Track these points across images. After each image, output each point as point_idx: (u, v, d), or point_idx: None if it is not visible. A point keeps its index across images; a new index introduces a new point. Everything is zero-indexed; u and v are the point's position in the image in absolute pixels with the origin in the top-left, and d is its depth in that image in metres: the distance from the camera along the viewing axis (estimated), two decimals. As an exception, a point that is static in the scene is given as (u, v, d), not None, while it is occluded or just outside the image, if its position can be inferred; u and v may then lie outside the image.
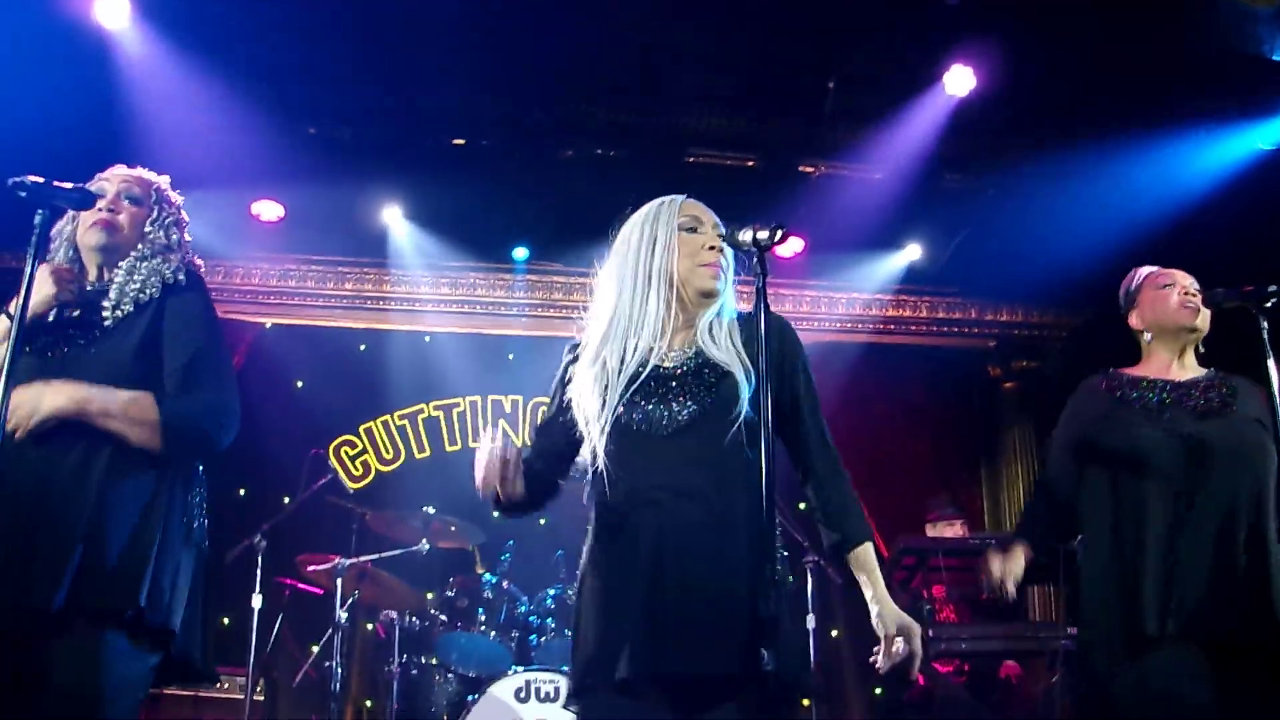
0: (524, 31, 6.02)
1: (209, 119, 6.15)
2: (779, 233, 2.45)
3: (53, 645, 2.70)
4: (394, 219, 7.67)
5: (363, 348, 8.26)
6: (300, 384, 8.03)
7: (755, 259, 2.45)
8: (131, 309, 2.97)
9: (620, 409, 2.61)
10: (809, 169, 7.21)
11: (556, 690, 5.30)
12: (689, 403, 2.59)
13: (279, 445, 7.18)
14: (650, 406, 2.60)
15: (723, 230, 2.72)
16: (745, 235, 2.49)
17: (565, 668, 5.58)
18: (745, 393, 2.57)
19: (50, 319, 2.96)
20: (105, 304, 2.97)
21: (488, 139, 6.95)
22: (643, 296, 2.70)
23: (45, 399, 2.78)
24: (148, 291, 3.00)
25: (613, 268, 2.78)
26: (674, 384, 2.62)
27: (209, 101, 6.07)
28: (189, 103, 6.04)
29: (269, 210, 7.53)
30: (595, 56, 6.28)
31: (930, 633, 5.89)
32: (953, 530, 6.81)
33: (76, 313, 2.99)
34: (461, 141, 6.97)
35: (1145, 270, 3.75)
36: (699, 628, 2.42)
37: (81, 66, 5.88)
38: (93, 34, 5.80)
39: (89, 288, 3.06)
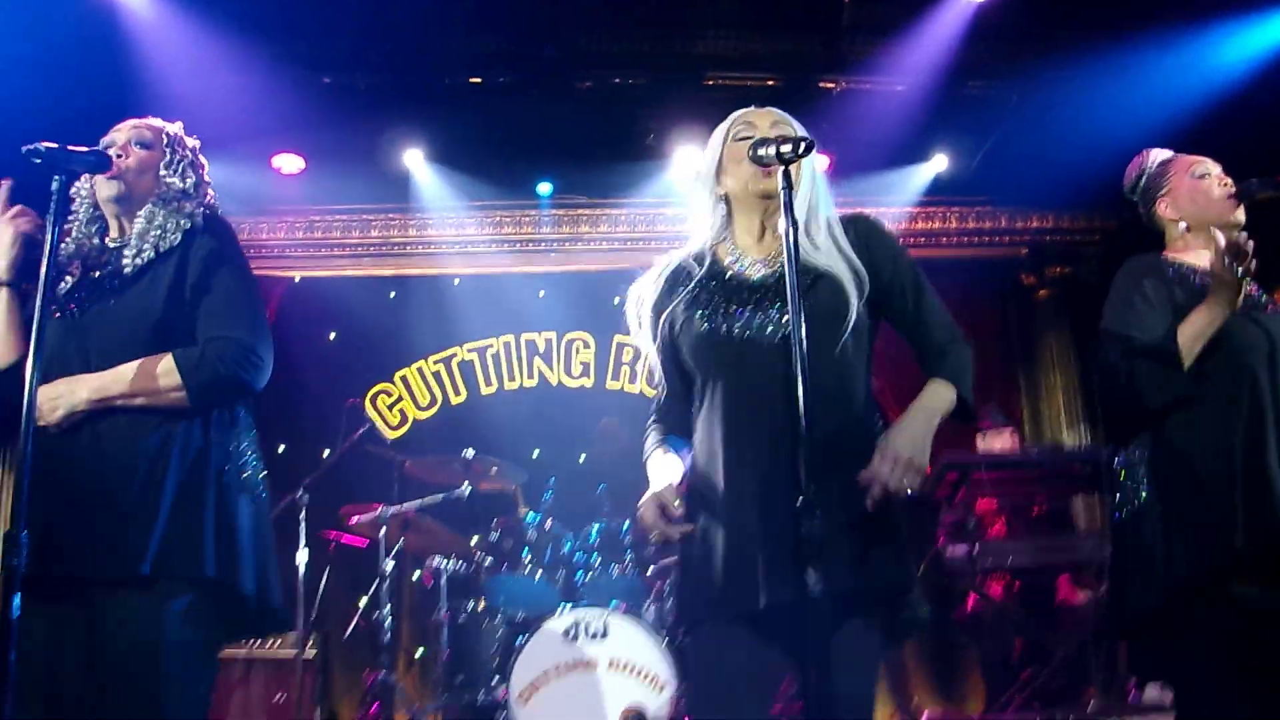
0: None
1: (223, 75, 6.13)
2: (802, 145, 2.43)
3: (112, 610, 2.71)
4: (415, 162, 7.61)
5: (392, 295, 8.26)
6: (333, 335, 8.04)
7: (781, 173, 2.43)
8: (152, 255, 2.92)
9: (721, 319, 2.61)
10: (830, 85, 7.08)
11: (605, 626, 5.28)
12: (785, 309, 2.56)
13: (315, 398, 7.21)
14: (750, 314, 2.60)
15: (783, 131, 2.65)
16: (769, 150, 2.46)
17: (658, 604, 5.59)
18: (853, 295, 2.57)
19: (75, 279, 2.95)
20: (126, 253, 2.94)
21: (504, 75, 6.88)
22: (711, 210, 2.77)
23: (73, 395, 2.80)
24: (168, 239, 2.95)
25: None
26: (769, 292, 2.60)
27: (221, 58, 6.04)
28: (202, 60, 6.01)
29: (289, 163, 7.53)
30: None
31: (977, 549, 5.88)
32: (1002, 440, 6.71)
33: (98, 273, 2.96)
34: (478, 80, 6.91)
35: (1162, 153, 3.48)
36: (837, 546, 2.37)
37: (94, 27, 5.84)
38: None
39: (111, 243, 3.03)
